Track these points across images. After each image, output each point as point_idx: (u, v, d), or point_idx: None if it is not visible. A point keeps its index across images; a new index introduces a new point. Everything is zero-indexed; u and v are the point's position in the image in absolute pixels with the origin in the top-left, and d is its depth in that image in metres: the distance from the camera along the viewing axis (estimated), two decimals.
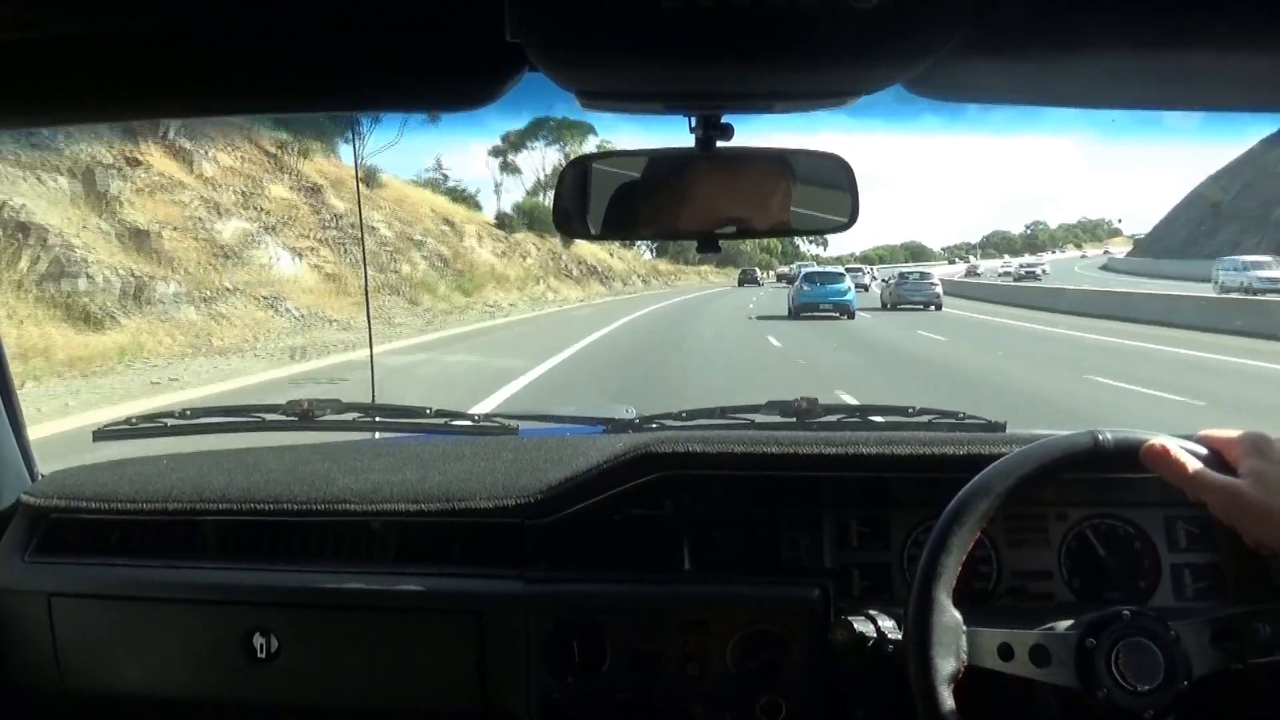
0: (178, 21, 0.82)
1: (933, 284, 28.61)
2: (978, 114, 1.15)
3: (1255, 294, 25.70)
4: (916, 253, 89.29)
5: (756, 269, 59.95)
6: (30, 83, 0.86)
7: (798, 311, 23.75)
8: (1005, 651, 0.99)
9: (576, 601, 1.27)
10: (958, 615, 1.00)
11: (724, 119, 0.97)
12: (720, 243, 1.09)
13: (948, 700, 0.98)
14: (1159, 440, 1.00)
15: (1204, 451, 0.99)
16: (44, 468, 1.53)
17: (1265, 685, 1.04)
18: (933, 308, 27.39)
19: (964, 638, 1.00)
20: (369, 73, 0.88)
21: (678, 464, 1.31)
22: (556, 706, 1.26)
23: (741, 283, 53.05)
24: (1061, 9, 0.77)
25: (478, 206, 38.39)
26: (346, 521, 1.36)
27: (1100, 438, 1.02)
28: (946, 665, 0.99)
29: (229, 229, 19.61)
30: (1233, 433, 1.00)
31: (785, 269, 66.92)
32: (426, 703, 1.32)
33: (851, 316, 23.42)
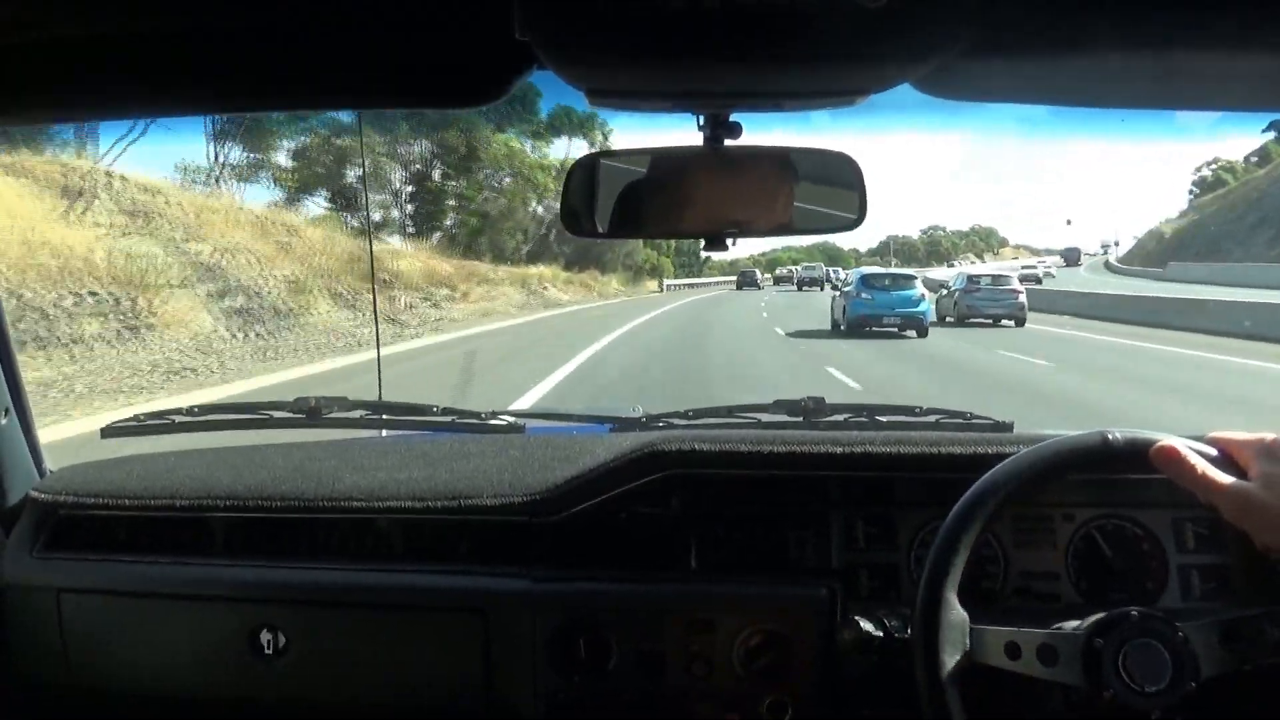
0: (185, 20, 0.82)
1: (1014, 291, 21.56)
2: (986, 113, 1.15)
3: None
4: (834, 256, 78.29)
5: (756, 270, 51.19)
6: (30, 83, 0.87)
7: (853, 326, 17.63)
8: (1012, 650, 0.99)
9: (582, 600, 1.27)
10: (964, 613, 1.00)
11: (732, 117, 0.97)
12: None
13: (954, 698, 0.98)
14: (1169, 441, 0.99)
15: (1214, 454, 0.98)
16: (52, 464, 1.54)
17: (1273, 687, 1.04)
18: (1013, 322, 20.83)
19: (970, 635, 1.00)
20: (376, 70, 0.88)
21: (684, 463, 1.31)
22: (562, 705, 1.26)
23: (740, 285, 47.18)
24: (1071, 8, 0.77)
25: None
26: (353, 519, 1.36)
27: (1110, 437, 1.01)
28: (952, 662, 0.99)
29: None
30: (1244, 435, 1.00)
31: (786, 269, 58.42)
32: (432, 700, 1.32)
33: (924, 334, 17.54)
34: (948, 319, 21.58)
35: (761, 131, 1.01)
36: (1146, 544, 1.29)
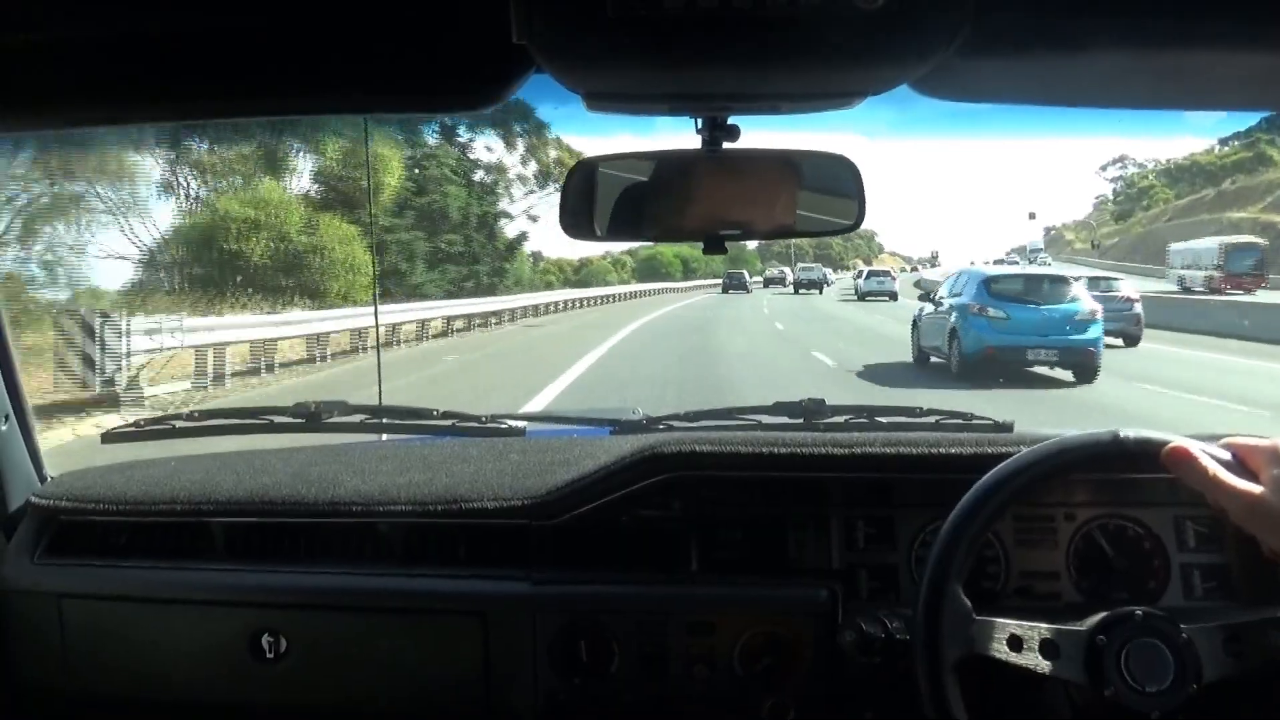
0: (185, 25, 0.82)
1: (1127, 299, 14.84)
2: (984, 114, 1.15)
3: None
4: (733, 259, 67.11)
5: (744, 273, 44.19)
6: (30, 83, 0.87)
7: (973, 363, 10.75)
8: (1014, 643, 0.99)
9: (583, 603, 1.27)
10: (968, 604, 1.00)
11: (730, 120, 0.97)
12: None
13: (953, 688, 0.97)
14: (1181, 442, 0.99)
15: (1226, 456, 0.98)
16: (52, 469, 1.54)
17: (1275, 692, 1.04)
18: (1121, 340, 14.02)
19: (973, 627, 1.00)
20: (375, 74, 0.88)
21: (685, 465, 1.31)
22: (562, 707, 1.26)
23: (726, 288, 41.35)
24: (1066, 9, 0.77)
25: None
26: (354, 523, 1.36)
27: (1122, 436, 1.01)
28: (954, 653, 0.99)
29: None
30: (1257, 440, 0.99)
31: (778, 270, 51.60)
32: (433, 703, 1.32)
33: (1090, 378, 10.81)
34: None
35: (760, 134, 1.00)
36: (1148, 543, 1.29)
